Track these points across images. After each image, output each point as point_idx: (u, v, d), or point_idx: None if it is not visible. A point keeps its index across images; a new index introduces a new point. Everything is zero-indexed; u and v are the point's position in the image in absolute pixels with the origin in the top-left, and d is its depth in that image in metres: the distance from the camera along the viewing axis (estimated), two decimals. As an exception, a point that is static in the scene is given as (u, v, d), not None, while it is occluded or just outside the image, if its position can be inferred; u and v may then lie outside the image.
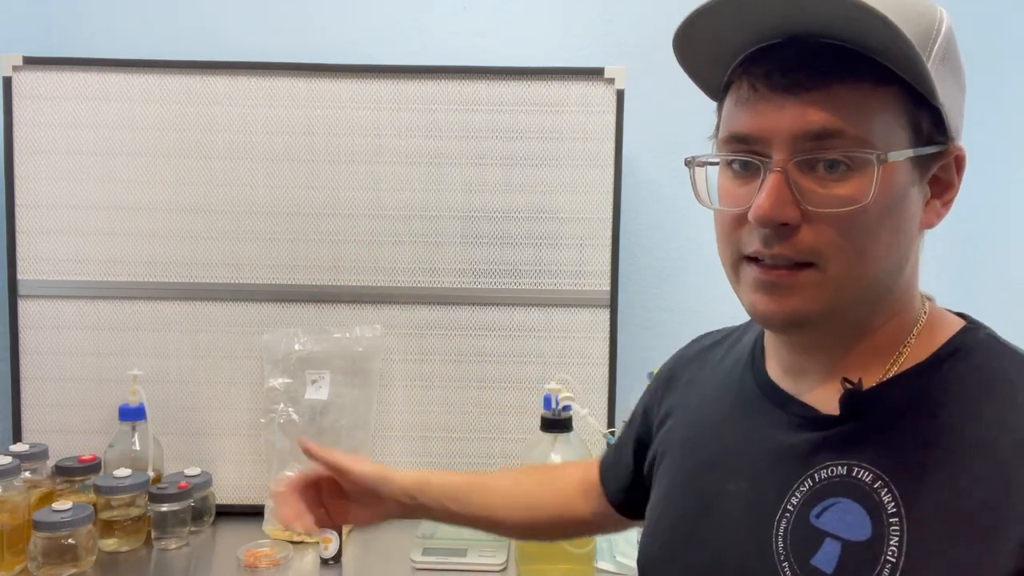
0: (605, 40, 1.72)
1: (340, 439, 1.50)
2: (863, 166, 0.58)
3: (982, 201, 1.70)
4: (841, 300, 0.61)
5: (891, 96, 0.59)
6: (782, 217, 0.59)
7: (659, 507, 0.77)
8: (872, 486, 0.60)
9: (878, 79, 0.58)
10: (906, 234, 0.62)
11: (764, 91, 0.60)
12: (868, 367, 0.64)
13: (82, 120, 1.51)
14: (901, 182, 0.60)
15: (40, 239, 1.52)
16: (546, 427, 1.27)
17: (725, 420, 0.74)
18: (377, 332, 1.53)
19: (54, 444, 1.44)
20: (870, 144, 0.58)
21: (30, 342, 1.52)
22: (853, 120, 0.57)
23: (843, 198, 0.58)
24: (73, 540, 1.24)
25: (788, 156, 0.59)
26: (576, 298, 1.53)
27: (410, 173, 1.52)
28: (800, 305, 0.61)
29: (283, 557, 1.34)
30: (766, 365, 0.73)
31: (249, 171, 1.52)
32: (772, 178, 0.59)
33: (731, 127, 0.63)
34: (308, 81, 1.51)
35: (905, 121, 0.59)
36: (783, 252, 0.60)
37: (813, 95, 0.58)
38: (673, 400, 0.83)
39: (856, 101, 0.58)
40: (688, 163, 0.67)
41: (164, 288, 1.53)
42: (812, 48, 0.59)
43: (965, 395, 0.61)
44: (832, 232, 0.59)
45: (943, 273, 1.75)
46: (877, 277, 0.61)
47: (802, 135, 0.58)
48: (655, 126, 1.70)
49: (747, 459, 0.69)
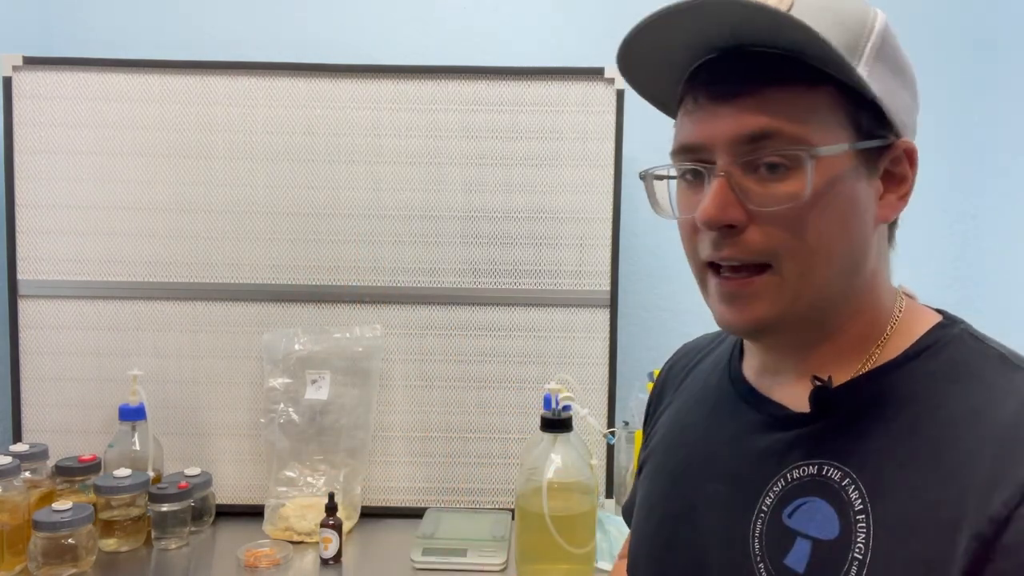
0: (605, 40, 1.72)
1: (340, 439, 1.51)
2: (799, 164, 0.59)
3: (982, 201, 1.70)
4: (800, 300, 0.62)
5: (825, 95, 0.60)
6: (726, 218, 0.61)
7: (644, 510, 0.78)
8: (840, 484, 0.60)
9: (813, 80, 0.60)
10: (857, 228, 0.62)
11: (704, 102, 0.63)
12: (839, 365, 0.65)
13: (82, 120, 1.51)
14: (841, 176, 0.61)
15: (40, 239, 1.52)
16: (546, 427, 1.26)
17: (704, 423, 0.75)
18: (377, 332, 1.53)
19: (54, 444, 1.44)
20: (806, 142, 0.59)
21: (30, 342, 1.52)
22: (788, 121, 0.59)
23: (783, 195, 0.60)
24: (73, 540, 1.24)
25: (730, 160, 0.61)
26: (576, 298, 1.53)
27: (410, 173, 1.52)
28: (761, 312, 0.62)
29: (283, 557, 1.33)
30: (743, 366, 0.74)
31: (249, 171, 1.52)
32: (716, 183, 0.61)
33: (680, 139, 0.66)
34: (308, 81, 1.51)
35: (843, 118, 0.61)
36: (733, 254, 0.62)
37: (747, 100, 0.60)
38: (661, 412, 0.85)
39: (790, 102, 0.60)
40: (642, 176, 0.70)
41: (164, 288, 1.53)
42: (747, 56, 0.61)
43: (934, 391, 0.61)
44: (778, 231, 0.60)
45: (943, 273, 1.75)
46: (832, 272, 0.62)
47: (739, 139, 0.60)
48: (655, 126, 1.69)
49: (725, 461, 0.69)
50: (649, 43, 0.63)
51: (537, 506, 1.20)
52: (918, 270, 1.74)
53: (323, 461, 1.51)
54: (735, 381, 0.74)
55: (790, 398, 0.67)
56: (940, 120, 1.69)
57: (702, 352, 0.85)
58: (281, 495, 1.48)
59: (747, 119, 0.60)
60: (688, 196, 0.66)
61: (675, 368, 0.88)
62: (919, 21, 1.69)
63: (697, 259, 0.66)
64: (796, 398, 0.66)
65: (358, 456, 1.51)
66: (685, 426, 0.78)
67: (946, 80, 1.70)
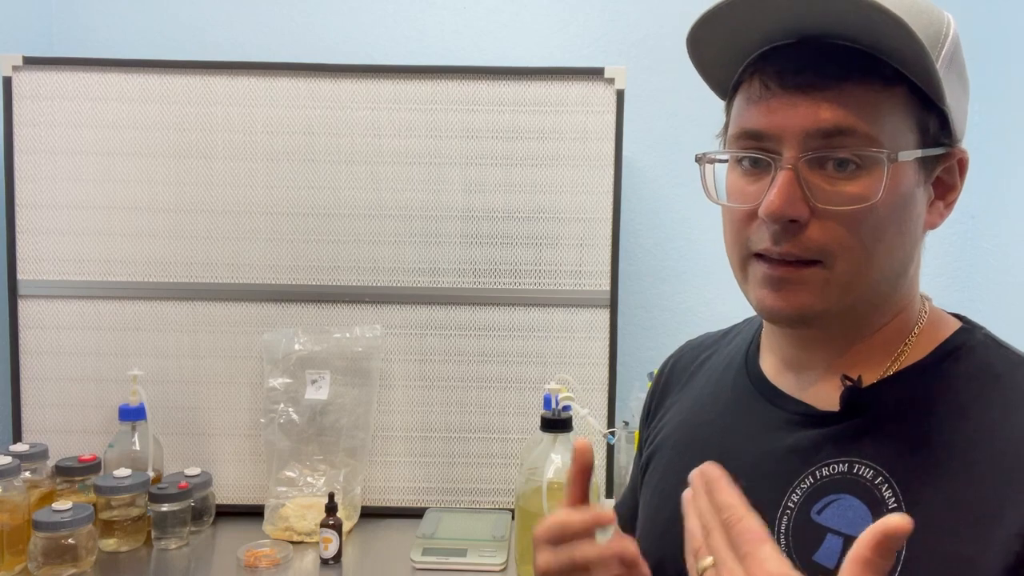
0: (605, 40, 1.73)
1: (340, 439, 1.51)
2: (872, 165, 0.59)
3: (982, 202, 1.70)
4: (847, 298, 0.62)
5: (900, 97, 0.59)
6: (792, 213, 0.59)
7: (652, 507, 0.77)
8: (873, 482, 0.60)
9: (888, 80, 0.59)
10: (911, 234, 0.63)
11: (776, 89, 0.60)
12: (868, 364, 0.65)
13: (82, 120, 1.51)
14: (908, 182, 0.60)
15: (40, 239, 1.52)
16: (546, 427, 1.27)
17: (720, 420, 0.74)
18: (377, 332, 1.53)
19: (54, 444, 1.44)
20: (879, 143, 0.58)
21: (30, 342, 1.52)
22: (864, 119, 0.58)
23: (852, 196, 0.59)
24: (73, 540, 1.24)
25: (799, 153, 0.60)
26: (576, 298, 1.53)
27: (410, 173, 1.52)
28: (807, 301, 0.62)
29: (283, 557, 1.33)
30: (761, 364, 0.74)
31: (249, 171, 1.52)
32: (783, 175, 0.59)
33: (742, 124, 0.63)
34: (308, 81, 1.51)
35: (913, 123, 0.60)
36: (792, 250, 0.61)
37: (825, 94, 0.59)
38: (666, 409, 0.83)
39: (867, 101, 0.59)
40: (699, 160, 0.68)
41: (164, 288, 1.53)
42: (824, 48, 0.59)
43: (963, 393, 0.61)
44: (840, 230, 0.59)
45: (943, 273, 1.75)
46: (882, 276, 0.62)
47: (814, 133, 0.59)
48: (655, 126, 1.71)
49: (744, 458, 0.69)
50: (723, 25, 0.61)
51: (537, 506, 1.20)
52: (918, 270, 1.74)
53: (323, 461, 1.51)
54: (754, 378, 0.73)
55: (815, 397, 0.67)
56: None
57: (709, 349, 0.84)
58: (281, 495, 1.48)
59: (824, 113, 0.58)
60: (743, 183, 0.64)
61: (679, 364, 0.87)
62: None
63: (744, 247, 0.64)
64: (822, 396, 0.66)
65: (358, 456, 1.51)
66: (698, 423, 0.77)
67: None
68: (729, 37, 0.62)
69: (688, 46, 0.64)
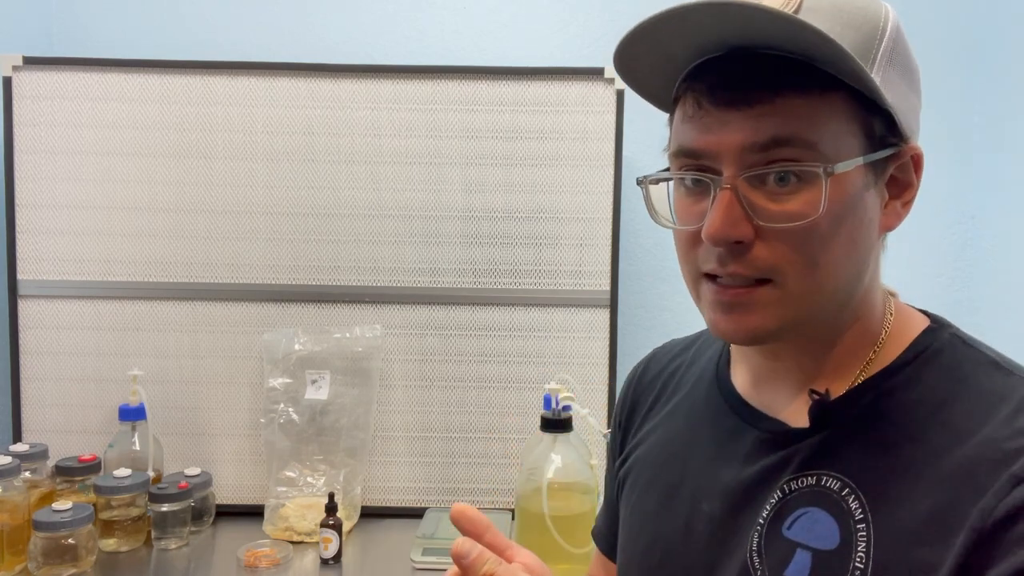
0: (605, 40, 1.73)
1: (340, 439, 1.51)
2: (812, 179, 0.57)
3: (982, 201, 1.70)
4: (800, 314, 0.60)
5: (839, 103, 0.57)
6: (735, 235, 0.58)
7: (634, 527, 0.76)
8: (840, 494, 0.59)
9: (824, 87, 0.57)
10: (863, 241, 0.61)
11: (708, 106, 0.59)
12: (838, 373, 0.64)
13: (82, 120, 1.51)
14: (853, 190, 0.59)
15: (40, 239, 1.52)
16: (546, 427, 1.27)
17: (695, 440, 0.73)
18: (377, 332, 1.53)
19: (54, 444, 1.44)
20: (820, 152, 0.57)
21: (30, 342, 1.52)
22: (802, 128, 0.56)
23: (794, 213, 0.57)
24: (73, 540, 1.24)
25: (737, 171, 0.58)
26: (576, 298, 1.53)
27: (410, 173, 1.52)
28: (759, 323, 0.60)
29: (283, 557, 1.33)
30: (733, 378, 0.73)
31: (249, 171, 1.52)
32: (722, 195, 0.58)
33: (680, 142, 0.62)
34: (308, 81, 1.51)
35: (856, 127, 0.58)
36: (739, 271, 0.59)
37: (758, 108, 0.57)
38: (640, 421, 0.82)
39: (802, 111, 0.57)
40: (640, 182, 0.66)
41: (164, 288, 1.53)
42: (754, 59, 0.57)
43: (930, 398, 0.60)
44: (786, 248, 0.58)
45: (943, 273, 1.75)
46: (836, 287, 0.61)
47: (750, 147, 0.57)
48: (655, 126, 1.70)
49: (719, 479, 0.68)
50: (649, 42, 0.60)
51: (537, 506, 1.20)
52: (918, 270, 1.74)
53: (323, 461, 1.51)
54: (726, 393, 0.72)
55: (787, 412, 0.66)
56: (940, 121, 1.69)
57: (678, 358, 0.82)
58: (281, 495, 1.48)
59: (758, 129, 0.57)
60: (687, 203, 0.63)
61: (646, 376, 0.85)
62: (919, 21, 1.69)
63: (695, 267, 0.63)
64: (794, 413, 0.65)
65: (358, 456, 1.51)
66: (674, 441, 0.76)
67: (946, 81, 1.70)
68: (659, 53, 0.61)
69: (616, 66, 0.63)
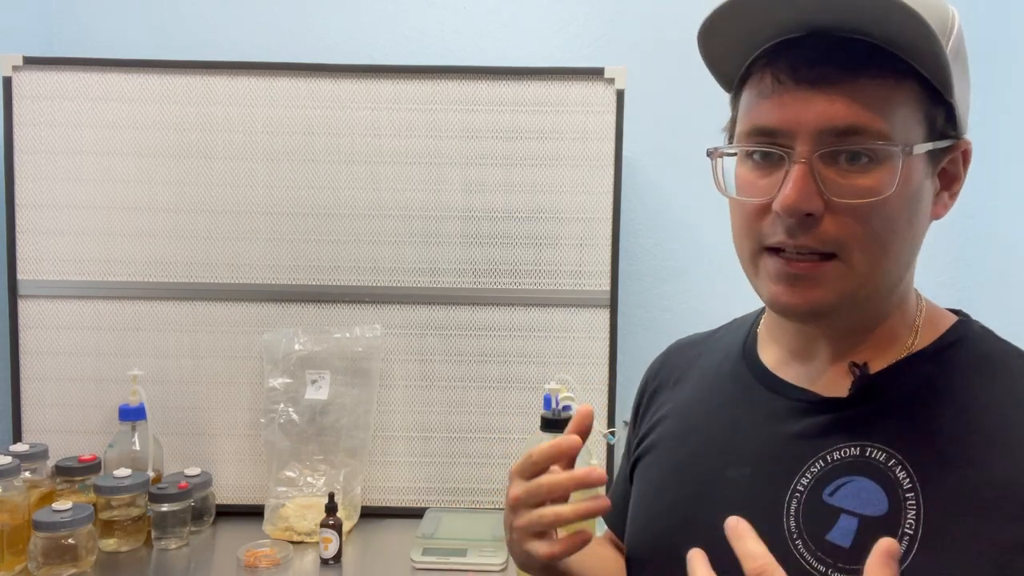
0: (605, 40, 1.72)
1: (340, 439, 1.51)
2: (886, 159, 0.59)
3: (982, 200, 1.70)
4: (862, 290, 0.63)
5: (911, 91, 0.60)
6: (808, 207, 0.60)
7: (648, 497, 0.77)
8: (887, 464, 0.62)
9: (900, 74, 0.59)
10: (919, 225, 0.64)
11: (789, 84, 0.60)
12: (874, 354, 0.67)
13: (82, 120, 1.51)
14: (918, 175, 0.62)
15: (40, 239, 1.52)
16: (546, 427, 1.26)
17: (720, 410, 0.75)
18: (377, 332, 1.53)
19: (54, 444, 1.44)
20: (891, 138, 0.59)
21: (30, 342, 1.52)
22: (877, 115, 0.59)
23: (866, 189, 0.59)
24: (73, 540, 1.24)
25: (812, 148, 0.60)
26: (576, 298, 1.53)
27: (410, 173, 1.52)
28: (823, 296, 0.62)
29: (283, 557, 1.33)
30: (761, 355, 0.75)
31: (249, 171, 1.52)
32: (797, 169, 0.60)
33: (754, 119, 0.63)
34: (308, 81, 1.51)
35: (922, 116, 0.61)
36: (807, 243, 0.61)
37: (838, 89, 0.59)
38: (658, 407, 0.83)
39: (880, 96, 0.59)
40: (710, 154, 0.68)
41: (164, 288, 1.53)
42: (836, 42, 0.59)
43: (971, 380, 0.64)
44: (854, 223, 0.60)
45: (943, 273, 1.75)
46: (894, 268, 0.64)
47: (828, 130, 0.59)
48: (655, 126, 1.70)
49: (747, 446, 0.69)
50: (735, 16, 0.61)
51: (537, 506, 1.20)
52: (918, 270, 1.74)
53: (323, 461, 1.51)
54: (754, 369, 0.74)
55: (820, 385, 0.68)
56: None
57: (698, 347, 0.84)
58: (281, 495, 1.48)
59: (838, 110, 0.59)
60: (754, 177, 0.64)
61: (668, 363, 0.86)
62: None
63: (756, 241, 0.64)
64: (827, 384, 0.67)
65: (358, 456, 1.51)
66: (696, 416, 0.77)
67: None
68: (741, 29, 0.62)
69: (700, 40, 0.64)
